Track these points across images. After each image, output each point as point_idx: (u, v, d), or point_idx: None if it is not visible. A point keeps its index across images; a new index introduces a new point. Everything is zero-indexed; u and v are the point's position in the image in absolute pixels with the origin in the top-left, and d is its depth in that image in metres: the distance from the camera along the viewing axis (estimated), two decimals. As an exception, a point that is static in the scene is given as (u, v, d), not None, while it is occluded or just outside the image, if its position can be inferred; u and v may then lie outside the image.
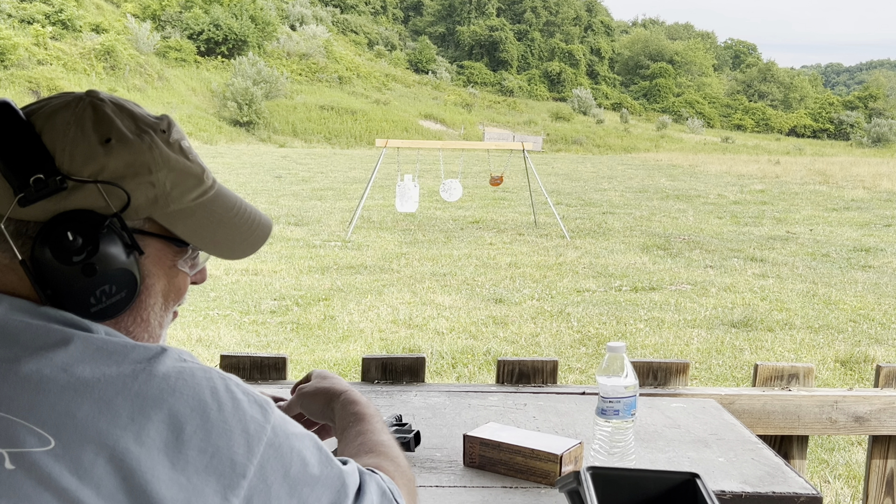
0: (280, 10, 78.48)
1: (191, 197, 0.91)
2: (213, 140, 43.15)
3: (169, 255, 0.92)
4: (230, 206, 0.96)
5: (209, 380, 0.81)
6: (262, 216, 1.01)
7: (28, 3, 51.04)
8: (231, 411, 0.80)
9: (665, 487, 1.09)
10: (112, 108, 0.89)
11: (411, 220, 13.13)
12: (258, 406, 0.83)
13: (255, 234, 0.99)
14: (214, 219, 0.94)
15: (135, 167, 0.86)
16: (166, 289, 0.93)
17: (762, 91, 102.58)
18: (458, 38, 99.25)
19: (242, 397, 0.82)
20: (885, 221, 14.83)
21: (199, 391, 0.80)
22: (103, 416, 0.75)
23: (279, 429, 0.83)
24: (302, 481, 0.83)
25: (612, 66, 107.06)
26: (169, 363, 0.81)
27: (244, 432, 0.80)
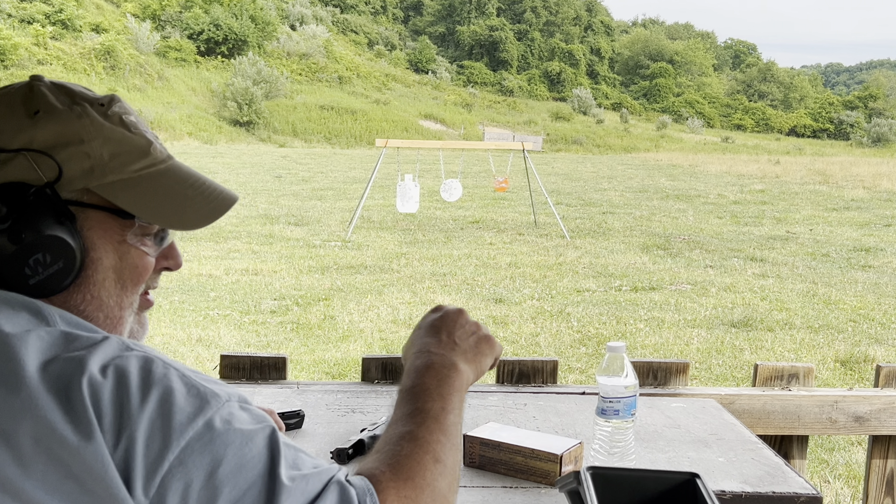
0: (280, 10, 78.46)
1: (134, 168, 0.89)
2: (213, 140, 43.14)
3: (115, 227, 0.89)
4: (183, 178, 0.94)
5: (143, 370, 0.77)
6: (225, 190, 0.97)
7: (28, 3, 51.03)
8: (155, 404, 0.75)
9: (665, 487, 1.09)
10: (48, 87, 0.89)
11: (411, 220, 13.13)
12: (197, 398, 0.77)
13: (212, 204, 0.95)
14: (163, 190, 0.91)
15: (65, 137, 0.85)
16: (118, 265, 0.90)
17: (762, 91, 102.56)
18: (458, 37, 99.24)
19: (178, 387, 0.77)
20: (885, 221, 14.83)
21: (126, 382, 0.75)
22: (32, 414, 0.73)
23: (215, 424, 0.76)
24: (227, 481, 0.75)
25: (612, 65, 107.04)
26: (108, 351, 0.78)
27: (165, 426, 0.74)
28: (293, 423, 1.56)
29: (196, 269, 8.63)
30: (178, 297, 7.35)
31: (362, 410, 1.67)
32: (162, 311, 6.85)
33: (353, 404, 1.70)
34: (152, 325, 6.34)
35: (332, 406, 1.69)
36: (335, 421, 1.60)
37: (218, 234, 11.20)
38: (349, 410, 1.67)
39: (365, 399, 1.74)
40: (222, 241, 10.70)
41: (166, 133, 41.36)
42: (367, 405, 1.70)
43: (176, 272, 1.03)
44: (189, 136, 42.71)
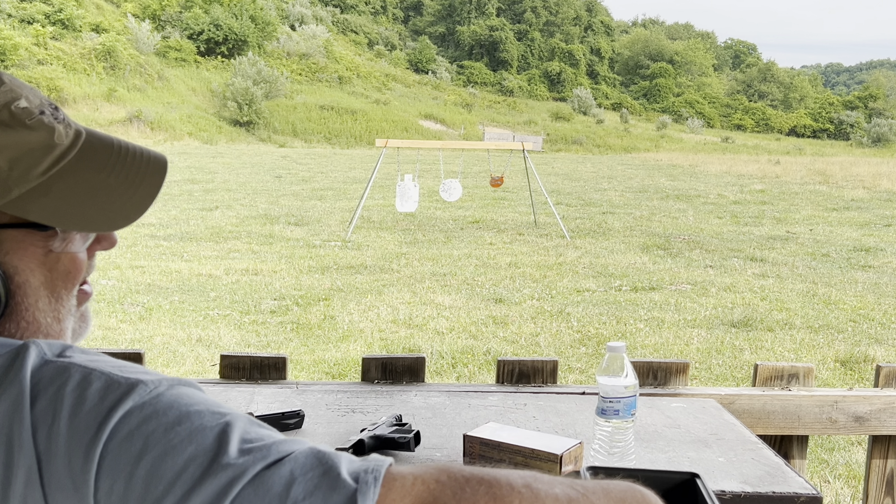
0: (280, 10, 78.46)
1: (39, 170, 0.75)
2: (213, 140, 43.14)
3: (36, 242, 0.76)
4: (100, 165, 0.79)
5: (59, 377, 0.67)
6: (150, 161, 0.82)
7: (28, 3, 51.03)
8: (70, 411, 0.64)
9: (665, 487, 1.09)
10: None
11: (411, 220, 13.13)
12: (118, 390, 0.66)
13: (138, 192, 0.81)
14: (79, 188, 0.77)
15: None
16: (49, 279, 0.78)
17: (762, 91, 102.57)
18: (458, 38, 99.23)
19: (98, 386, 0.66)
20: (885, 221, 14.83)
21: (39, 394, 0.66)
22: None
23: (143, 411, 0.64)
24: (157, 472, 0.62)
25: (612, 66, 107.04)
26: (21, 369, 0.67)
27: (85, 432, 0.64)
28: (293, 423, 1.56)
29: (196, 269, 8.63)
30: (178, 297, 7.35)
31: (362, 410, 1.67)
32: (162, 310, 6.85)
33: (353, 404, 1.70)
34: (153, 326, 6.34)
35: (332, 406, 1.69)
36: (335, 421, 1.60)
37: (218, 234, 11.21)
38: (349, 410, 1.67)
39: (365, 399, 1.74)
40: (222, 241, 10.70)
41: (166, 133, 41.37)
42: (367, 405, 1.70)
43: (176, 272, 0.98)
44: (189, 136, 42.70)
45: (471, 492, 0.61)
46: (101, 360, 0.70)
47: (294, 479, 0.61)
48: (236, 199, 15.70)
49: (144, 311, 6.82)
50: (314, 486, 0.60)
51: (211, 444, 0.63)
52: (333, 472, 0.61)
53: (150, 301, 7.13)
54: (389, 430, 1.47)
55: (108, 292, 7.31)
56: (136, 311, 6.81)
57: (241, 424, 0.66)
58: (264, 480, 0.61)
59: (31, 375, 0.67)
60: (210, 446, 0.63)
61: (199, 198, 15.67)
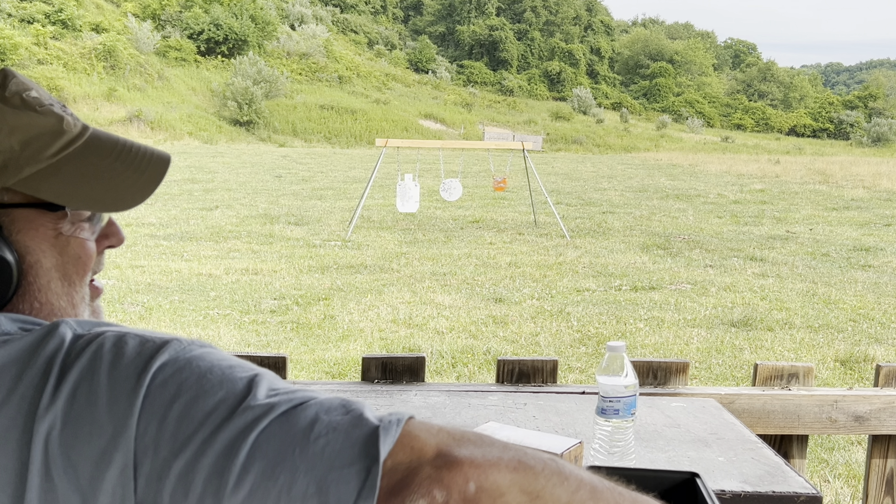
0: (280, 10, 78.46)
1: (50, 153, 0.80)
2: (214, 140, 43.14)
3: (46, 223, 0.80)
4: (106, 152, 0.84)
5: (94, 342, 0.69)
6: (154, 152, 0.88)
7: (28, 3, 51.03)
8: (108, 369, 0.67)
9: (665, 487, 1.09)
10: None
11: (411, 220, 13.13)
12: (152, 345, 0.69)
13: (144, 176, 0.85)
14: (88, 171, 0.82)
15: None
16: (60, 262, 0.82)
17: (762, 91, 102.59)
18: (458, 37, 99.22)
19: (133, 344, 0.69)
20: (885, 221, 14.83)
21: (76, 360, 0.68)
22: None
23: (177, 361, 0.68)
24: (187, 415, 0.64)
25: (612, 65, 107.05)
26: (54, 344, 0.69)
27: (126, 381, 0.66)
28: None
29: (196, 268, 8.63)
30: (178, 296, 7.35)
31: (362, 410, 1.66)
32: (162, 310, 6.85)
33: (353, 404, 1.70)
34: (152, 326, 6.34)
35: (332, 406, 1.69)
36: (335, 420, 1.60)
37: (218, 234, 11.21)
38: (349, 410, 1.67)
39: (365, 399, 1.74)
40: (222, 240, 10.70)
41: (166, 133, 41.37)
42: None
43: (176, 272, 0.99)
44: (189, 135, 42.71)
45: (498, 452, 0.62)
46: (133, 328, 0.73)
47: (318, 418, 0.63)
48: (236, 199, 15.70)
49: (144, 310, 6.82)
50: (337, 423, 0.63)
51: (241, 390, 0.66)
52: (357, 412, 0.64)
53: (150, 301, 7.13)
54: None
55: (108, 292, 7.31)
56: (136, 310, 6.81)
57: (271, 377, 0.69)
58: (289, 418, 0.63)
59: (67, 347, 0.69)
60: (240, 391, 0.65)
61: (199, 197, 15.67)
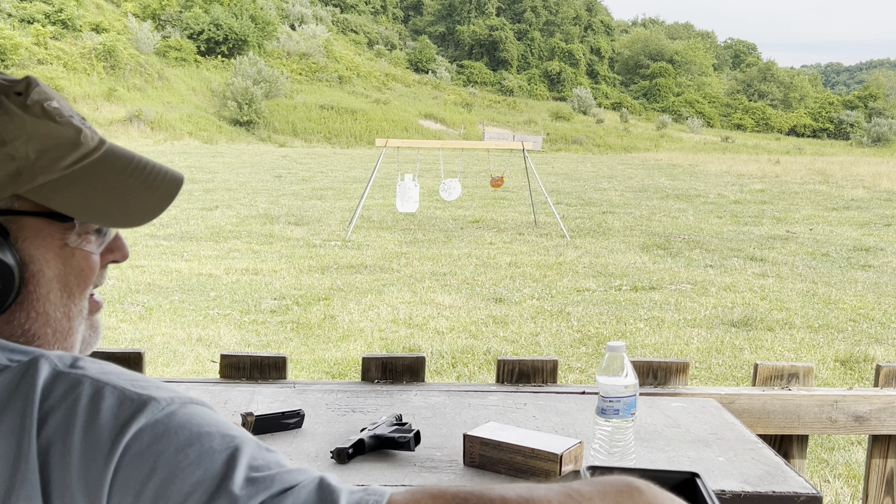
0: (280, 10, 78.45)
1: (65, 164, 0.79)
2: (214, 140, 43.13)
3: (54, 233, 0.79)
4: (121, 168, 0.83)
5: (73, 391, 0.68)
6: (169, 172, 0.87)
7: (28, 3, 51.03)
8: (84, 427, 0.66)
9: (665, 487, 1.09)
10: None
11: (411, 220, 13.13)
12: (130, 406, 0.67)
13: (156, 195, 0.85)
14: (101, 184, 0.81)
15: None
16: (62, 273, 0.80)
17: (762, 91, 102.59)
18: (458, 37, 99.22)
19: (111, 401, 0.67)
20: (885, 221, 14.83)
21: (52, 410, 0.67)
22: None
23: (155, 429, 0.66)
24: (164, 493, 0.64)
25: (612, 65, 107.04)
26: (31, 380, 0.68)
27: (96, 447, 0.65)
28: (293, 423, 1.56)
29: (196, 268, 8.63)
30: (178, 296, 7.35)
31: (362, 410, 1.67)
32: (162, 310, 6.85)
33: (353, 404, 1.70)
34: (153, 325, 6.34)
35: (332, 406, 1.69)
36: (335, 420, 1.60)
37: (218, 234, 11.21)
38: (349, 410, 1.67)
39: (365, 399, 1.74)
40: (222, 240, 10.70)
41: (166, 132, 41.38)
42: (367, 405, 1.70)
43: (176, 272, 0.99)
44: (189, 135, 42.71)
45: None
46: (114, 373, 0.71)
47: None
48: (236, 199, 15.70)
49: (144, 310, 6.82)
50: None
51: (218, 470, 0.64)
52: (333, 500, 0.63)
53: (151, 301, 7.13)
54: (389, 429, 1.47)
55: (108, 292, 7.31)
56: (136, 310, 6.81)
57: (250, 450, 0.67)
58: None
59: (42, 389, 0.68)
60: (217, 472, 0.64)
61: (200, 197, 15.67)
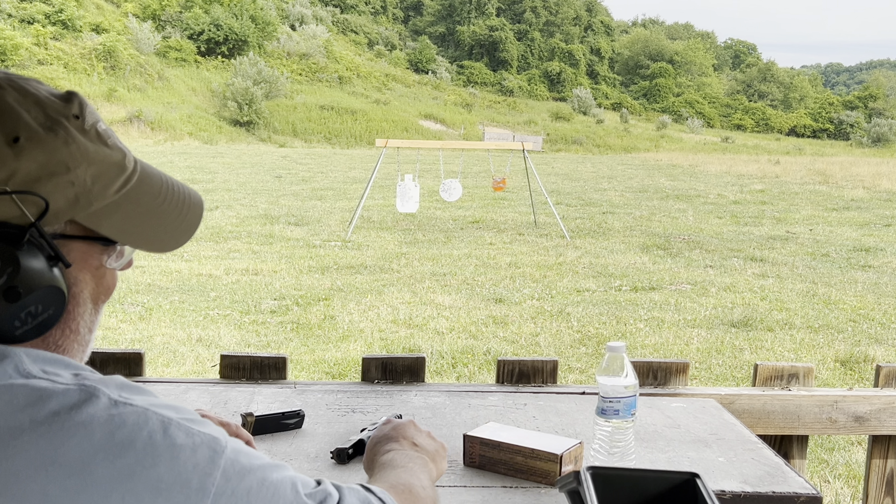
0: (280, 10, 78.46)
1: (114, 189, 0.81)
2: (214, 140, 43.13)
3: (95, 255, 0.82)
4: (156, 191, 0.86)
5: (143, 426, 0.71)
6: (191, 195, 0.90)
7: (28, 3, 51.03)
8: (168, 464, 0.70)
9: (665, 487, 1.09)
10: (14, 97, 0.77)
11: (411, 220, 13.13)
12: (205, 449, 0.73)
13: (186, 219, 0.89)
14: (141, 210, 0.84)
15: (50, 167, 0.75)
16: (95, 291, 0.84)
17: (762, 91, 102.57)
18: (458, 38, 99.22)
19: (185, 442, 0.72)
20: (885, 221, 14.83)
21: (128, 445, 0.69)
22: (8, 492, 0.66)
23: (231, 471, 0.73)
24: None
25: (612, 65, 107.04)
26: (94, 410, 0.70)
27: (184, 486, 0.70)
28: (293, 423, 1.56)
29: (196, 269, 8.62)
30: (178, 297, 7.35)
31: (362, 410, 1.67)
32: (162, 310, 6.85)
33: (353, 404, 1.70)
34: (153, 326, 6.35)
35: (332, 406, 1.69)
36: (335, 421, 1.60)
37: (218, 234, 11.20)
38: (349, 410, 1.67)
39: (365, 399, 1.74)
40: (222, 241, 10.69)
41: (167, 133, 41.37)
42: (367, 405, 1.70)
43: (176, 272, 1.01)
44: (189, 136, 42.70)
45: None
46: (159, 402, 0.76)
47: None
48: (236, 199, 15.70)
49: (144, 310, 6.82)
50: None
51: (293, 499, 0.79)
52: None
53: (150, 301, 7.13)
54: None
55: (108, 292, 7.30)
56: (136, 310, 6.81)
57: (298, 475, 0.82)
58: None
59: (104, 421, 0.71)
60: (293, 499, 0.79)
61: (199, 198, 15.64)
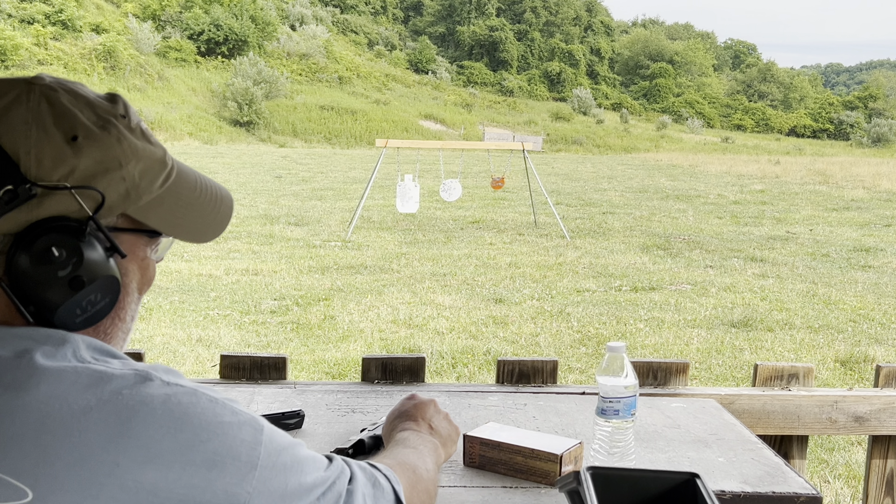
0: (280, 11, 78.46)
1: (158, 183, 0.87)
2: (214, 140, 43.14)
3: (142, 247, 0.88)
4: (192, 185, 0.92)
5: (196, 404, 0.76)
6: (221, 189, 0.97)
7: (28, 4, 51.04)
8: (221, 440, 0.76)
9: (665, 487, 1.09)
10: (68, 99, 0.82)
11: (411, 220, 13.13)
12: (249, 427, 0.79)
13: (220, 211, 0.95)
14: (182, 203, 0.90)
15: (105, 164, 0.81)
16: (140, 281, 0.89)
17: (762, 91, 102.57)
18: (458, 38, 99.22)
19: (232, 419, 0.78)
20: (885, 221, 14.83)
21: (185, 420, 0.75)
22: (84, 463, 0.70)
23: (270, 447, 0.80)
24: (299, 493, 0.81)
25: (612, 66, 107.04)
26: (151, 390, 0.75)
27: (235, 460, 0.76)
28: (293, 423, 1.56)
29: (196, 269, 8.62)
30: (178, 297, 7.35)
31: (362, 410, 1.67)
32: (162, 311, 6.85)
33: (353, 404, 1.70)
34: (153, 326, 6.34)
35: (332, 406, 1.69)
36: (335, 421, 1.60)
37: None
38: (349, 410, 1.67)
39: (365, 399, 1.74)
40: (222, 241, 10.69)
41: (167, 133, 41.36)
42: (367, 405, 1.70)
43: (176, 272, 1.03)
44: (189, 136, 42.71)
45: None
46: (201, 385, 0.82)
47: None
48: (236, 200, 15.67)
49: (144, 311, 6.82)
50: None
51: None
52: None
53: (151, 301, 7.13)
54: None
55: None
56: (136, 311, 6.80)
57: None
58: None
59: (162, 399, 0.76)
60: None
61: (199, 198, 15.65)
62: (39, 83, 0.82)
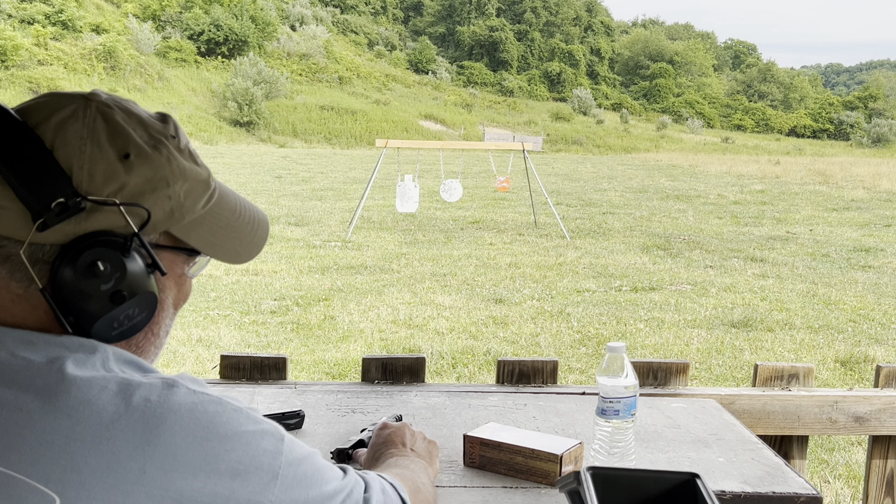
0: (280, 11, 78.46)
1: (201, 204, 0.89)
2: (214, 140, 43.15)
3: (180, 264, 0.90)
4: (232, 207, 0.94)
5: (221, 414, 0.79)
6: (259, 213, 1.00)
7: (28, 4, 51.05)
8: (244, 449, 0.78)
9: (665, 487, 1.09)
10: (122, 117, 0.84)
11: (411, 221, 13.13)
12: (271, 436, 0.81)
13: (257, 234, 0.98)
14: (222, 224, 0.92)
15: (154, 182, 0.83)
16: (176, 298, 0.92)
17: (762, 91, 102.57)
18: (458, 38, 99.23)
19: (255, 429, 0.80)
20: (885, 221, 14.83)
21: (211, 429, 0.77)
22: (111, 470, 0.72)
23: (291, 457, 0.82)
24: (320, 501, 0.84)
25: (612, 66, 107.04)
26: (179, 398, 0.77)
27: (258, 469, 0.78)
28: (293, 424, 1.56)
29: (196, 269, 8.62)
30: (179, 297, 7.35)
31: (362, 410, 1.67)
32: (162, 311, 6.84)
33: (353, 404, 1.70)
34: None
35: (332, 406, 1.69)
36: (335, 421, 1.60)
37: (218, 235, 11.20)
38: (349, 410, 1.67)
39: (365, 399, 1.74)
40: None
41: (166, 133, 41.34)
42: (367, 405, 1.70)
43: None
44: (189, 136, 42.47)
45: None
46: (227, 396, 0.84)
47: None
48: (236, 200, 15.69)
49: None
50: None
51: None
52: None
53: (151, 301, 7.12)
54: None
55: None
56: (136, 311, 6.80)
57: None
58: None
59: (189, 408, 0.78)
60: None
61: (200, 198, 15.64)
62: (96, 100, 0.84)
